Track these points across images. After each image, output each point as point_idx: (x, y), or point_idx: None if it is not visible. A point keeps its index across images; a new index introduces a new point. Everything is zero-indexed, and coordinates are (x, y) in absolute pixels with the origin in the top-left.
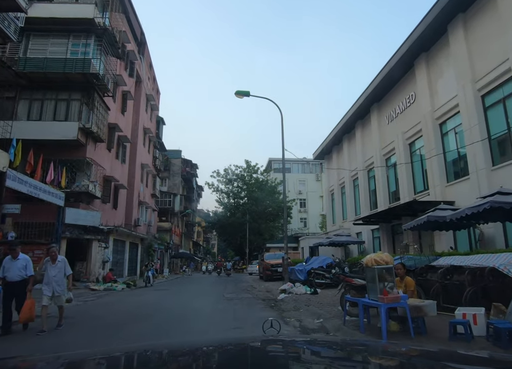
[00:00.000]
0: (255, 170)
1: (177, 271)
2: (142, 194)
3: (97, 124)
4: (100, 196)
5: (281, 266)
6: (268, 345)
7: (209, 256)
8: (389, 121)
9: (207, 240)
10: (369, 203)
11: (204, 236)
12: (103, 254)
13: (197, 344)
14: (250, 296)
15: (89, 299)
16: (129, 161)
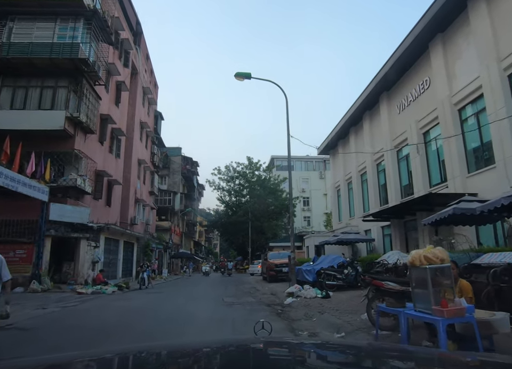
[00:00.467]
0: (257, 167)
1: (177, 272)
2: (139, 192)
3: (86, 114)
4: (90, 192)
5: (286, 266)
6: (258, 347)
7: (211, 256)
8: (400, 110)
9: (209, 240)
10: (379, 199)
11: (205, 236)
12: (93, 253)
13: (186, 346)
14: (253, 300)
15: (70, 304)
16: (125, 156)
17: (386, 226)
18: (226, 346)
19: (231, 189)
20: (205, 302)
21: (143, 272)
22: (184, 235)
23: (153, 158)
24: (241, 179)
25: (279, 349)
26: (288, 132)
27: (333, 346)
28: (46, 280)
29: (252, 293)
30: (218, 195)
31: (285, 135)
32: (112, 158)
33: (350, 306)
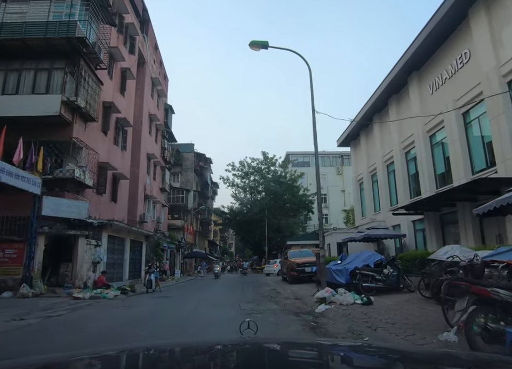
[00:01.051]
0: (272, 163)
1: (191, 272)
2: (149, 188)
3: (86, 99)
4: (91, 185)
5: (309, 266)
6: (245, 347)
7: (227, 256)
8: (433, 90)
9: (224, 240)
10: (408, 191)
11: (220, 235)
12: (94, 253)
13: (172, 346)
14: (276, 307)
15: (57, 313)
16: (132, 149)
17: (418, 221)
18: (212, 346)
19: (246, 185)
20: (218, 309)
21: (150, 273)
22: (198, 234)
23: (164, 153)
24: (256, 175)
25: (265, 349)
26: (313, 107)
27: (325, 347)
28: (38, 283)
29: (273, 297)
30: (232, 193)
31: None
32: (117, 150)
33: (407, 317)
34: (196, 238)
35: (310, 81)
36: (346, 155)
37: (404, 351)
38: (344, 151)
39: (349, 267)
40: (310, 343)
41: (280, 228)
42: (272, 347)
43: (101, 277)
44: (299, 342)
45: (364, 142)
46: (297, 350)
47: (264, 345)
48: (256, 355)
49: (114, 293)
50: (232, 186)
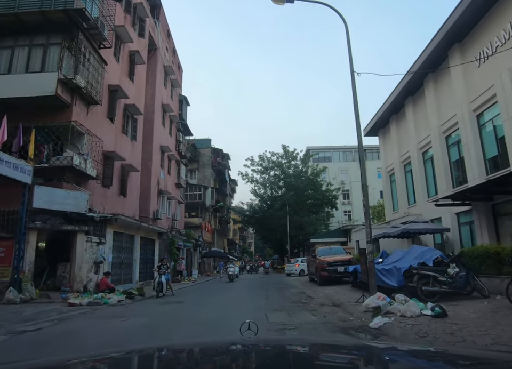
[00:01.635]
0: (293, 157)
1: (209, 272)
2: (163, 183)
3: (86, 78)
4: (94, 175)
5: (341, 265)
6: (245, 347)
7: (246, 255)
8: (480, 62)
9: (244, 239)
10: (450, 179)
11: (240, 234)
12: (96, 252)
13: (174, 347)
14: (314, 318)
15: (39, 325)
16: (144, 140)
17: (463, 213)
18: (213, 347)
19: (266, 181)
20: (240, 322)
21: (160, 274)
22: (217, 233)
23: (179, 147)
24: (277, 170)
25: (266, 349)
26: (351, 70)
27: (324, 346)
28: (29, 287)
29: (305, 303)
30: (252, 189)
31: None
32: (126, 139)
33: None
34: (214, 237)
35: (347, 39)
36: (370, 149)
37: (405, 350)
38: (367, 144)
39: (402, 266)
40: (311, 343)
41: (302, 225)
42: (273, 348)
43: (104, 279)
44: (300, 342)
45: (394, 130)
46: (299, 350)
47: (265, 346)
48: (257, 356)
49: (118, 298)
50: (252, 182)
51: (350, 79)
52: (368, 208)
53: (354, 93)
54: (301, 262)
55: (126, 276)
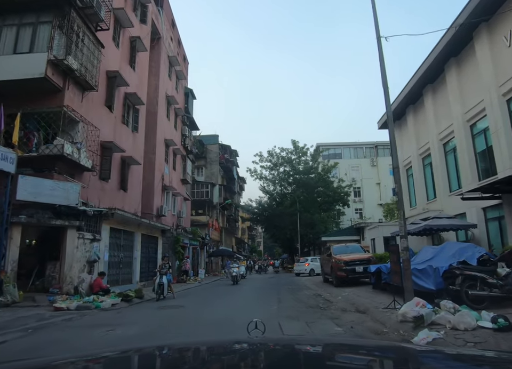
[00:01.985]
0: (303, 152)
1: (217, 272)
2: (168, 178)
3: (80, 60)
4: (89, 166)
5: (360, 264)
6: (252, 346)
7: (255, 255)
8: (511, 42)
9: (253, 238)
10: (476, 171)
11: (248, 233)
12: (89, 249)
13: (180, 345)
14: (338, 329)
15: (7, 337)
16: (147, 132)
17: (491, 207)
18: (220, 346)
19: (275, 177)
20: None
21: (161, 275)
22: (225, 231)
23: (185, 141)
24: (287, 166)
25: (274, 349)
26: (377, 35)
27: (329, 344)
28: (11, 288)
29: (324, 309)
30: (260, 186)
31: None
32: (126, 130)
33: None
34: (222, 235)
35: (372, 3)
36: (381, 146)
37: (407, 349)
38: (378, 141)
39: (439, 265)
40: (319, 342)
41: (313, 223)
42: (280, 347)
43: (97, 280)
44: (307, 341)
45: (411, 121)
46: (307, 349)
47: (273, 345)
48: (265, 355)
49: (112, 301)
50: (260, 179)
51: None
52: (402, 197)
53: (382, 61)
54: (311, 261)
55: (125, 276)
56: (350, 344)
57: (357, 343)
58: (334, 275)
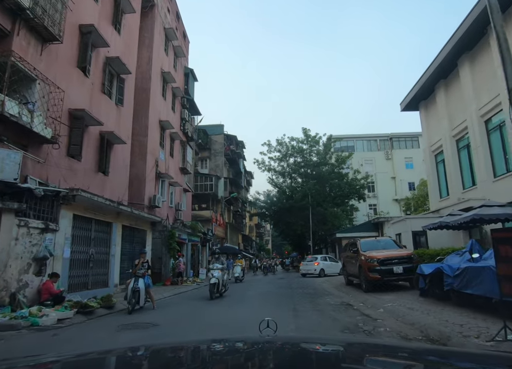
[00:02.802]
0: (315, 141)
1: None
2: (164, 165)
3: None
4: (48, 137)
5: (398, 263)
6: (264, 345)
7: (264, 253)
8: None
9: (261, 236)
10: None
11: (256, 231)
12: (37, 242)
13: (193, 343)
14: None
15: None
16: (137, 109)
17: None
18: (232, 344)
19: (284, 169)
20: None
21: (137, 277)
22: (230, 228)
23: (184, 126)
24: (297, 156)
25: (285, 347)
26: None
27: (338, 344)
28: None
29: (369, 333)
30: (269, 178)
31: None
32: (107, 101)
33: None
34: (227, 231)
35: None
36: (396, 138)
37: (410, 348)
38: (393, 132)
39: None
40: (331, 341)
41: (325, 219)
42: (292, 346)
43: (47, 284)
44: (320, 340)
45: (442, 98)
46: (319, 349)
47: (284, 344)
48: (277, 354)
49: (60, 315)
50: (269, 171)
51: None
52: None
53: None
54: (321, 260)
55: (98, 278)
56: (359, 343)
57: (370, 342)
58: (364, 277)
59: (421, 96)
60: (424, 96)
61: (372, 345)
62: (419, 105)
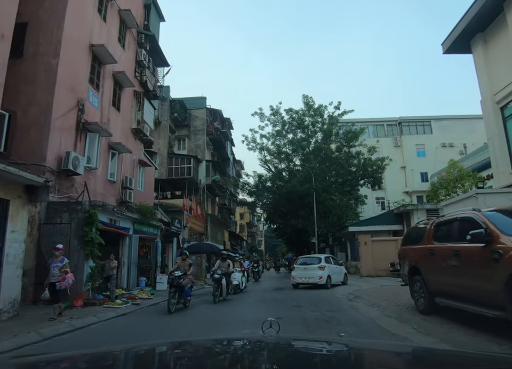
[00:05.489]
0: (319, 113)
1: (199, 277)
2: (98, 115)
3: None
4: None
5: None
6: (267, 345)
7: (256, 254)
8: None
9: (253, 236)
10: None
11: (248, 230)
12: None
13: (195, 343)
14: None
15: None
16: (34, 13)
17: None
18: (235, 343)
19: (280, 149)
20: None
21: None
22: (213, 222)
23: (142, 73)
24: (297, 132)
25: (287, 347)
26: None
27: (341, 345)
28: None
29: None
30: (261, 159)
31: None
32: None
33: None
34: (208, 227)
35: None
36: (406, 122)
37: (408, 349)
38: (402, 116)
39: None
40: (333, 342)
41: (329, 211)
42: (294, 346)
43: None
44: (323, 340)
45: (506, 32)
46: (321, 348)
47: (287, 344)
48: (279, 354)
49: None
50: (261, 151)
51: None
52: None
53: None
54: (325, 261)
55: None
56: (361, 344)
57: (373, 343)
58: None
59: (475, 27)
60: (482, 26)
61: (374, 346)
62: (472, 41)
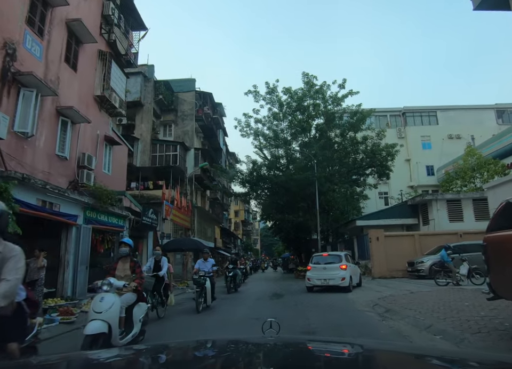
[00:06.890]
0: (322, 93)
1: (183, 279)
2: (40, 67)
3: None
4: None
5: None
6: (267, 346)
7: (251, 253)
8: None
9: (248, 234)
10: None
11: (243, 228)
12: None
13: (195, 343)
14: None
15: None
16: None
17: None
18: (235, 344)
19: (277, 134)
20: None
21: None
22: (201, 216)
23: (110, 31)
24: (296, 115)
25: (287, 348)
26: None
27: (342, 345)
28: None
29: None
30: (257, 145)
31: None
32: None
33: None
34: (194, 220)
35: None
36: (410, 112)
37: (413, 348)
38: (406, 106)
39: None
40: (334, 342)
41: (332, 204)
42: (295, 347)
43: None
44: (323, 341)
45: None
46: (322, 348)
47: (287, 344)
48: (279, 354)
49: None
50: (256, 137)
51: None
52: None
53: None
54: (346, 260)
55: None
56: (362, 344)
57: (373, 343)
58: None
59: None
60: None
61: (375, 347)
62: None
